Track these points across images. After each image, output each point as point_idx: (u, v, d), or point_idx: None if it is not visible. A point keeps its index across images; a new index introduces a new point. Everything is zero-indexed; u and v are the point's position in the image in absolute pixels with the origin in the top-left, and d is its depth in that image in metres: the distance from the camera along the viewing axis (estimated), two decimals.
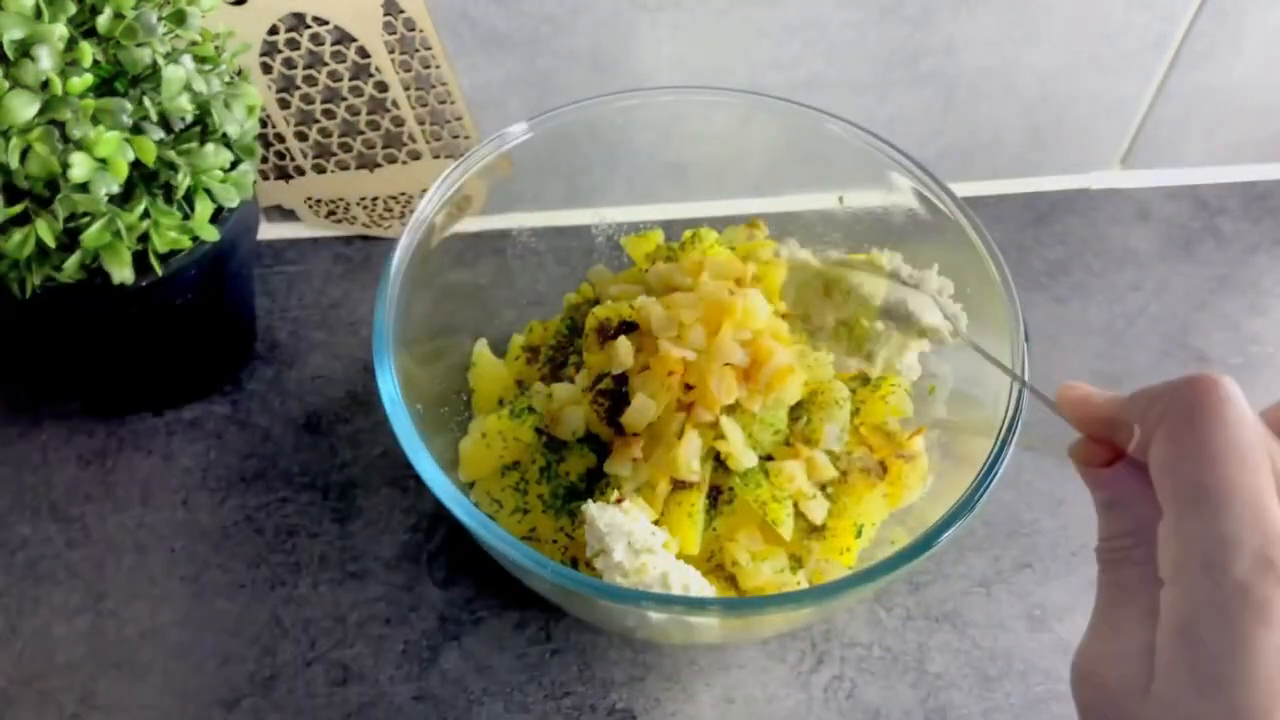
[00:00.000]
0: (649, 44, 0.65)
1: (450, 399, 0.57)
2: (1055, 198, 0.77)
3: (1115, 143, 0.76)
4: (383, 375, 0.47)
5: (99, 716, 0.52)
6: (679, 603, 0.44)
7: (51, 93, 0.45)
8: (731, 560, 0.51)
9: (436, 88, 0.66)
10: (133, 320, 0.54)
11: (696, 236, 0.58)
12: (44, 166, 0.45)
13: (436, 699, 0.53)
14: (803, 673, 0.54)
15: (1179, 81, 0.72)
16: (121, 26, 0.47)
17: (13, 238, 0.46)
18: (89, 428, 0.63)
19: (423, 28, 0.63)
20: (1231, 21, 0.68)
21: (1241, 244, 0.74)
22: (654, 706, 0.53)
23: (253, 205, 0.58)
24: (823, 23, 0.65)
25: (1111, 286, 0.72)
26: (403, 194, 0.72)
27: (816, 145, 0.58)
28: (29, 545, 0.58)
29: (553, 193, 0.61)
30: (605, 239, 0.65)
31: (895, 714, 0.53)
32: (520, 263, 0.63)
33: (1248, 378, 0.67)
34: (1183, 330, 0.69)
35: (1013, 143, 0.75)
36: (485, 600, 0.56)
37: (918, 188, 0.55)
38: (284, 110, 0.66)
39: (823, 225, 0.62)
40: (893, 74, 0.69)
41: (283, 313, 0.69)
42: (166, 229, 0.50)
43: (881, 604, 0.57)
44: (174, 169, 0.49)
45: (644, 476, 0.50)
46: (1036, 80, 0.71)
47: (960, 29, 0.66)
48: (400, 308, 0.50)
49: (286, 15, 0.61)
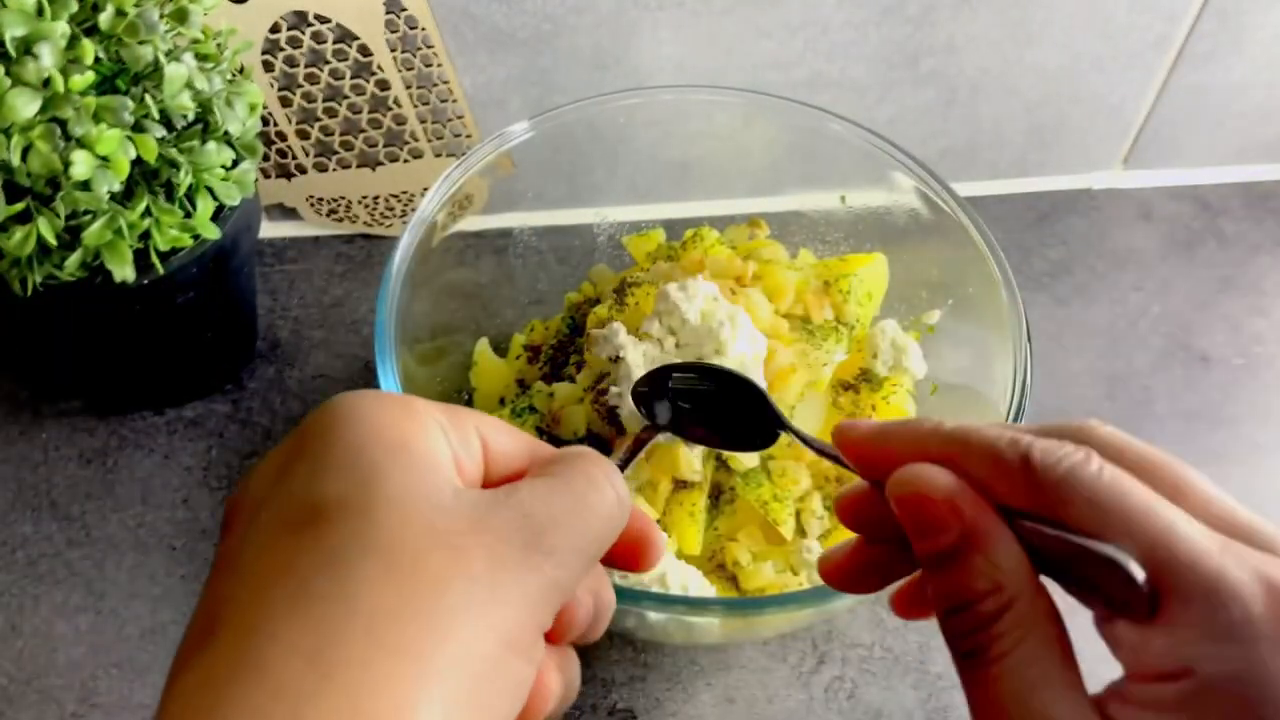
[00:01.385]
0: (651, 43, 0.65)
1: (451, 398, 0.57)
2: (1057, 198, 0.77)
3: (1117, 143, 0.76)
4: (384, 374, 0.47)
5: (99, 715, 0.52)
6: (679, 603, 0.44)
7: (53, 90, 0.45)
8: (733, 560, 0.51)
9: (438, 86, 0.66)
10: (134, 318, 0.54)
11: (698, 236, 0.58)
12: (45, 164, 0.45)
13: None
14: (804, 673, 0.54)
15: (1181, 82, 0.72)
16: (123, 24, 0.47)
17: (14, 235, 0.46)
18: (90, 426, 0.63)
19: (424, 26, 0.63)
20: (1233, 22, 0.68)
21: (1244, 244, 0.74)
22: (654, 707, 0.53)
23: (254, 203, 0.58)
24: (824, 22, 0.65)
25: (1113, 287, 0.72)
26: (404, 192, 0.72)
27: (818, 145, 0.58)
28: (30, 544, 0.58)
29: (554, 192, 0.61)
30: (606, 238, 0.65)
31: (897, 715, 0.53)
32: (521, 262, 0.62)
33: (1250, 378, 0.67)
34: (1185, 331, 0.69)
35: (1014, 142, 0.75)
36: None
37: (920, 187, 0.55)
38: (285, 108, 0.66)
39: (825, 225, 0.62)
40: (894, 73, 0.69)
41: (284, 311, 0.69)
42: (168, 227, 0.50)
43: (883, 604, 0.57)
44: (175, 167, 0.49)
45: (645, 476, 0.50)
46: (1038, 80, 0.70)
47: (962, 28, 0.66)
48: (401, 307, 0.50)
49: (288, 13, 0.61)
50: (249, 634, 0.22)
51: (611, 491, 0.28)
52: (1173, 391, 0.66)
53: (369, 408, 0.26)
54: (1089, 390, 0.66)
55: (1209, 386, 0.66)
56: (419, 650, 0.22)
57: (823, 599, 0.42)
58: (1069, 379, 0.67)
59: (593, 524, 0.27)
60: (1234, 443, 0.64)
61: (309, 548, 0.23)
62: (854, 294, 0.55)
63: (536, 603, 0.25)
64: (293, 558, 0.23)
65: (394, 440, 0.25)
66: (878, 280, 0.57)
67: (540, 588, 0.25)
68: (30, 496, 0.60)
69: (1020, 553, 0.25)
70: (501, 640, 0.23)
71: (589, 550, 0.27)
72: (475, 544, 0.24)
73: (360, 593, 0.22)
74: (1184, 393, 0.66)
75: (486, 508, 0.25)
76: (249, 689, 0.21)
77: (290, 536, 0.24)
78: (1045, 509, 0.24)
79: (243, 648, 0.22)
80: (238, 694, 0.21)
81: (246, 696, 0.21)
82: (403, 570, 0.23)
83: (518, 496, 0.26)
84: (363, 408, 0.26)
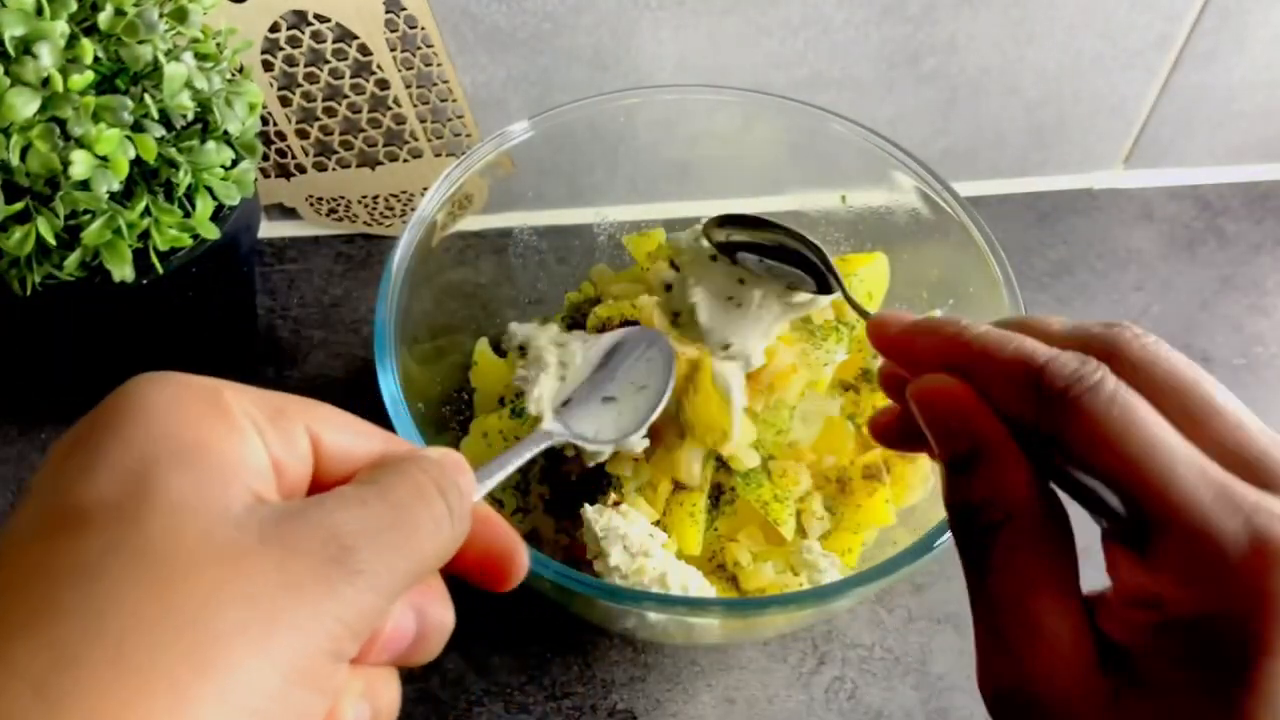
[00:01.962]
0: (651, 42, 0.65)
1: (451, 398, 0.57)
2: (1058, 197, 0.77)
3: (1118, 143, 0.76)
4: (384, 374, 0.47)
5: None
6: (679, 603, 0.44)
7: (52, 90, 0.44)
8: (733, 561, 0.51)
9: (438, 85, 0.66)
10: (133, 318, 0.54)
11: None
12: (45, 164, 0.45)
13: (436, 699, 0.53)
14: (804, 674, 0.54)
15: (1182, 81, 0.71)
16: (123, 24, 0.47)
17: (13, 235, 0.46)
18: None
19: (424, 25, 0.63)
20: (1234, 21, 0.68)
21: (1244, 244, 0.74)
22: (655, 707, 0.53)
23: (253, 203, 0.58)
24: (825, 21, 0.65)
25: (1114, 287, 0.72)
26: (404, 192, 0.71)
27: (819, 144, 0.58)
28: None
29: (554, 191, 0.61)
30: (607, 238, 0.64)
31: (897, 715, 0.53)
32: (521, 261, 0.62)
33: (1251, 378, 0.67)
34: (1185, 331, 0.69)
35: (1015, 142, 0.75)
36: (485, 600, 0.56)
37: (921, 187, 0.55)
38: (285, 108, 0.66)
39: (825, 224, 0.62)
40: (895, 73, 0.69)
41: (284, 311, 0.69)
42: (167, 227, 0.50)
43: (883, 605, 0.56)
44: (175, 167, 0.49)
45: (645, 477, 0.50)
46: (1039, 80, 0.70)
47: (963, 28, 0.66)
48: (401, 306, 0.50)
49: (288, 13, 0.61)
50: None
51: (440, 504, 0.25)
52: None
53: (166, 400, 0.23)
54: None
55: None
56: (174, 679, 0.19)
57: (823, 599, 0.42)
58: None
59: (413, 541, 0.24)
60: None
61: (62, 555, 0.20)
62: (855, 294, 0.55)
63: (333, 628, 0.21)
64: (42, 565, 0.20)
65: (186, 441, 0.22)
66: (878, 280, 0.57)
67: (340, 611, 0.21)
68: None
69: (1024, 470, 0.25)
70: (282, 671, 0.20)
71: (408, 570, 0.24)
72: (260, 560, 0.21)
73: (110, 610, 0.19)
74: None
75: (284, 520, 0.22)
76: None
77: (44, 541, 0.21)
78: (1054, 430, 0.24)
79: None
80: None
81: None
82: (168, 587, 0.20)
83: (324, 508, 0.23)
84: (159, 399, 0.23)
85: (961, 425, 0.25)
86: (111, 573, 0.20)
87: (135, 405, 0.23)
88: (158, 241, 0.50)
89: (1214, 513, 0.22)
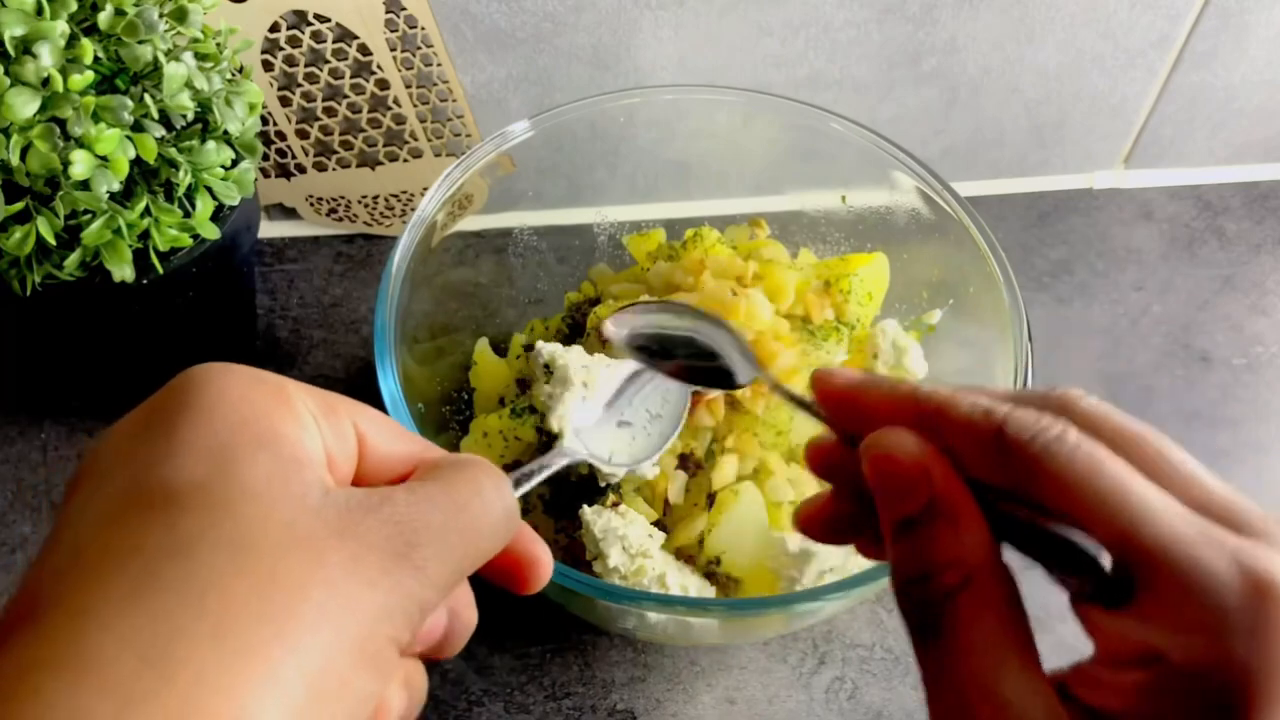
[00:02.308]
0: (651, 42, 0.65)
1: (451, 398, 0.57)
2: (1058, 197, 0.77)
3: (1118, 142, 0.76)
4: (384, 374, 0.47)
5: None
6: (679, 603, 0.44)
7: (52, 90, 0.44)
8: (768, 473, 0.50)
9: (438, 86, 0.66)
10: (133, 318, 0.54)
11: (698, 235, 0.58)
12: (45, 164, 0.45)
13: (437, 699, 0.53)
14: (804, 674, 0.54)
15: (1182, 81, 0.71)
16: (123, 23, 0.47)
17: (13, 235, 0.46)
18: (90, 426, 0.62)
19: (424, 25, 0.63)
20: (1235, 21, 0.68)
21: (1245, 244, 0.74)
22: (655, 707, 0.53)
23: (253, 203, 0.58)
24: (825, 21, 0.65)
25: (1114, 286, 0.72)
26: (404, 192, 0.71)
27: (819, 144, 0.58)
28: (29, 544, 0.58)
29: (554, 191, 0.61)
30: (607, 238, 0.64)
31: (897, 715, 0.53)
32: (521, 261, 0.62)
33: (1251, 378, 0.67)
34: (1186, 331, 0.69)
35: (1015, 142, 0.75)
36: (485, 600, 0.56)
37: (921, 187, 0.55)
38: (285, 108, 0.66)
39: (825, 224, 0.62)
40: (895, 73, 0.69)
41: (283, 311, 0.69)
42: (167, 227, 0.50)
43: (883, 605, 0.56)
44: (175, 167, 0.49)
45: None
46: (1039, 79, 0.70)
47: (963, 28, 0.66)
48: (401, 306, 0.50)
49: (288, 13, 0.61)
50: (78, 618, 0.20)
51: (499, 504, 0.26)
52: (1173, 391, 0.66)
53: (238, 388, 0.24)
54: (1089, 390, 0.66)
55: (1209, 386, 0.66)
56: (267, 656, 0.20)
57: (822, 599, 0.42)
58: (1069, 378, 0.66)
59: (472, 538, 0.25)
60: (1234, 443, 0.64)
61: (158, 532, 0.21)
62: (855, 294, 0.55)
63: (396, 618, 0.23)
64: (140, 540, 0.21)
65: (262, 428, 0.23)
66: (878, 280, 0.57)
67: (402, 603, 0.23)
68: (30, 496, 0.60)
69: (984, 529, 0.24)
70: (354, 654, 0.22)
71: (463, 565, 0.25)
72: (338, 550, 0.22)
73: (210, 590, 0.20)
74: (1184, 392, 0.66)
75: (356, 511, 0.23)
76: (73, 684, 0.19)
77: (138, 516, 0.21)
78: (1018, 485, 0.23)
79: (70, 634, 0.20)
80: (59, 689, 0.19)
81: (69, 692, 0.19)
82: (258, 571, 0.21)
83: (392, 502, 0.24)
84: (231, 387, 0.24)
85: (921, 481, 0.24)
86: (206, 553, 0.21)
87: (208, 391, 0.24)
88: (158, 241, 0.50)
89: (1202, 549, 0.21)
